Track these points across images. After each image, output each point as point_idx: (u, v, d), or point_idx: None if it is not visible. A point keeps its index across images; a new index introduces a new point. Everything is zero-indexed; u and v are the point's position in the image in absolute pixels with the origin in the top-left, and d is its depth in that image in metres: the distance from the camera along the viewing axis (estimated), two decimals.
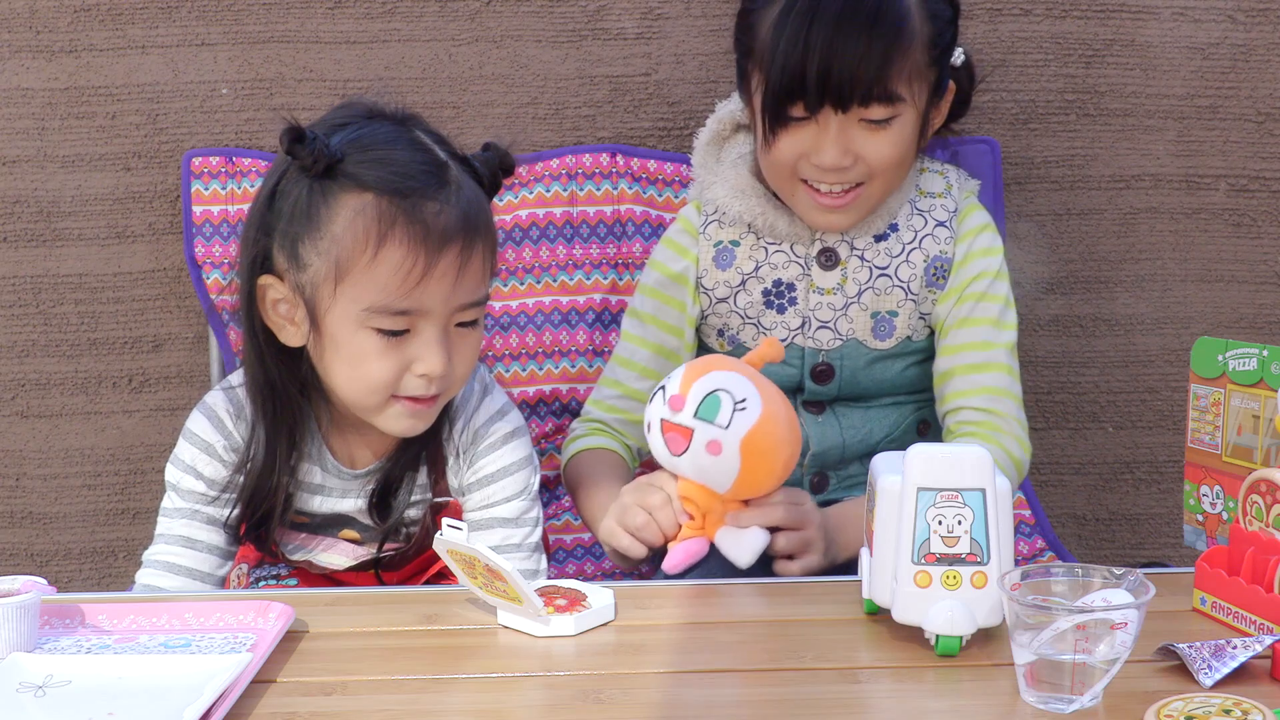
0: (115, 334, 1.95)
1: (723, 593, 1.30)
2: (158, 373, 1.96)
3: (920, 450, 1.10)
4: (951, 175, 1.64)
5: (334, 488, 1.44)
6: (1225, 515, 1.28)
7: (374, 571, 1.50)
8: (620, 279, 1.88)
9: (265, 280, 1.33)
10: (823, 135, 1.49)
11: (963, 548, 1.09)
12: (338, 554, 1.49)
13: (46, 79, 1.90)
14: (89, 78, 1.90)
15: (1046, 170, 1.95)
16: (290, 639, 1.17)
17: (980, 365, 1.56)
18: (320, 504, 1.45)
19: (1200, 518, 1.31)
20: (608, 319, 1.88)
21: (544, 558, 1.45)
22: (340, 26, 1.90)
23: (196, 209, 1.86)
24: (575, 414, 1.89)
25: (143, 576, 1.41)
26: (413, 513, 1.45)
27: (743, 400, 1.28)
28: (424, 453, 1.43)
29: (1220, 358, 1.28)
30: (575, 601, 1.21)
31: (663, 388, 1.32)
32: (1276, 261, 1.98)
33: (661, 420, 1.31)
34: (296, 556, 1.49)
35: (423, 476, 1.44)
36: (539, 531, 1.44)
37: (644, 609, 1.24)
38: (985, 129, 1.93)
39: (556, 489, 1.92)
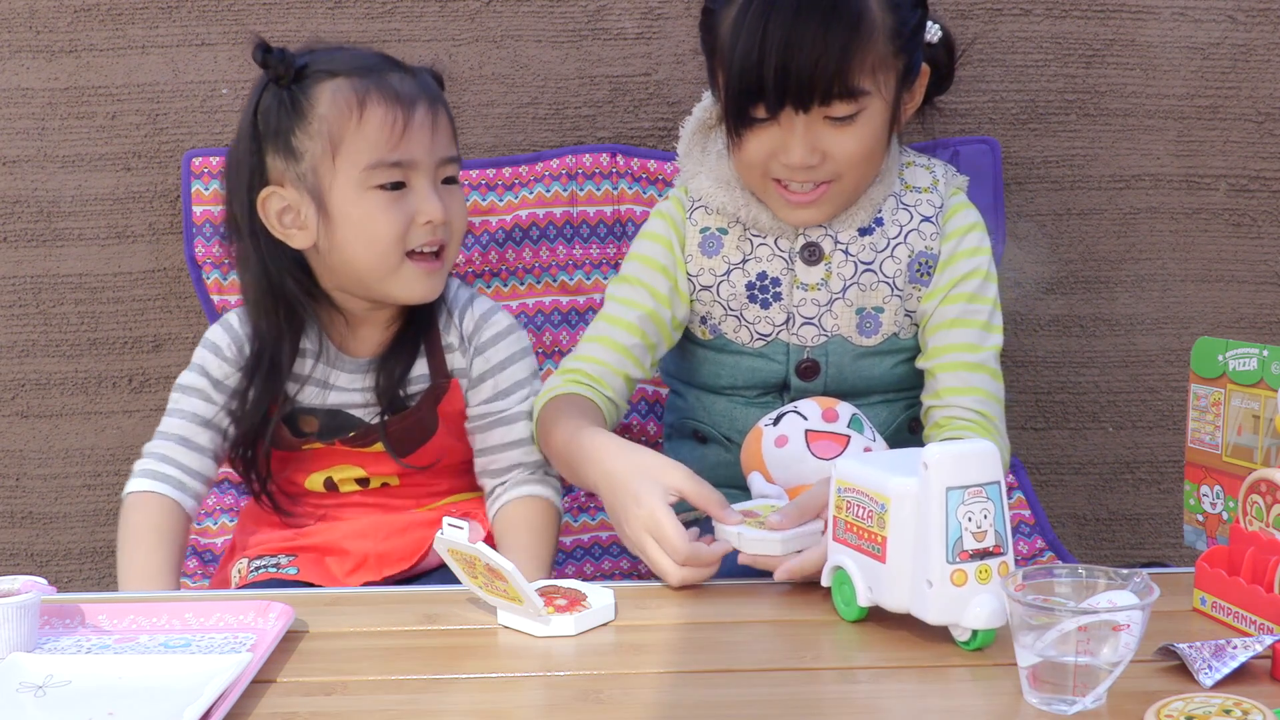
0: (115, 334, 1.95)
1: (722, 593, 1.30)
2: (158, 373, 1.96)
3: (939, 450, 1.10)
4: (938, 170, 1.62)
5: (339, 382, 1.56)
6: (1225, 515, 1.28)
7: (389, 453, 1.56)
8: None
9: (266, 192, 1.50)
10: (788, 135, 1.47)
11: (990, 541, 1.10)
12: (344, 462, 1.59)
13: (46, 79, 1.90)
14: (89, 78, 1.90)
15: (1046, 170, 1.95)
16: (290, 639, 1.17)
17: (971, 366, 1.54)
18: (327, 397, 1.56)
19: (1200, 518, 1.31)
20: None
21: None
22: (340, 26, 1.90)
23: (196, 209, 1.86)
24: None
25: (135, 483, 1.55)
26: (412, 389, 1.57)
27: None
28: (421, 343, 1.57)
29: (1220, 358, 1.28)
30: (575, 601, 1.21)
31: (796, 410, 1.46)
32: (1276, 261, 1.98)
33: (807, 431, 1.43)
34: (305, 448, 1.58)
35: (422, 366, 1.57)
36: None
37: (644, 609, 1.24)
38: (985, 129, 1.93)
39: None
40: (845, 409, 1.47)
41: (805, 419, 1.45)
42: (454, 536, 1.18)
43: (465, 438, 1.61)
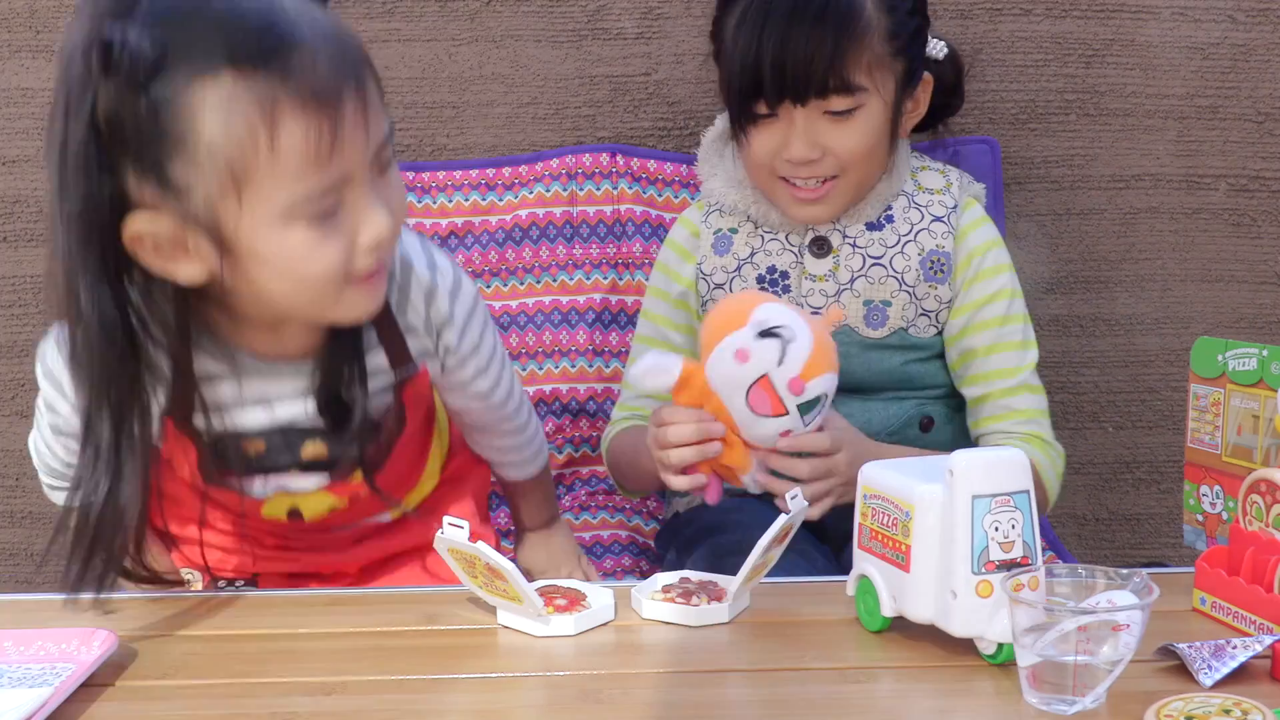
0: None
1: None
2: None
3: (966, 457, 1.07)
4: (953, 175, 1.65)
5: (278, 393, 1.26)
6: (1225, 515, 1.28)
7: (369, 485, 1.33)
8: (620, 279, 1.88)
9: (133, 222, 1.09)
10: (790, 130, 1.53)
11: (1017, 552, 1.07)
12: (304, 479, 1.35)
13: (46, 79, 1.89)
14: None
15: (1046, 170, 1.95)
16: (290, 639, 1.17)
17: (1009, 391, 1.60)
18: (268, 415, 1.27)
19: (1200, 518, 1.31)
20: (608, 319, 1.88)
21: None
22: None
23: None
24: (575, 414, 1.90)
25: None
26: (378, 394, 1.29)
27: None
28: (363, 338, 1.26)
29: (1220, 358, 1.28)
30: (575, 601, 1.21)
31: (786, 345, 1.28)
32: (1276, 261, 1.98)
33: (766, 375, 1.28)
34: (266, 493, 1.35)
35: (378, 358, 1.29)
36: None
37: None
38: (985, 129, 1.93)
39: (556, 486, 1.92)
40: (816, 387, 1.30)
41: (781, 365, 1.29)
42: (454, 536, 1.18)
43: (431, 416, 1.44)
